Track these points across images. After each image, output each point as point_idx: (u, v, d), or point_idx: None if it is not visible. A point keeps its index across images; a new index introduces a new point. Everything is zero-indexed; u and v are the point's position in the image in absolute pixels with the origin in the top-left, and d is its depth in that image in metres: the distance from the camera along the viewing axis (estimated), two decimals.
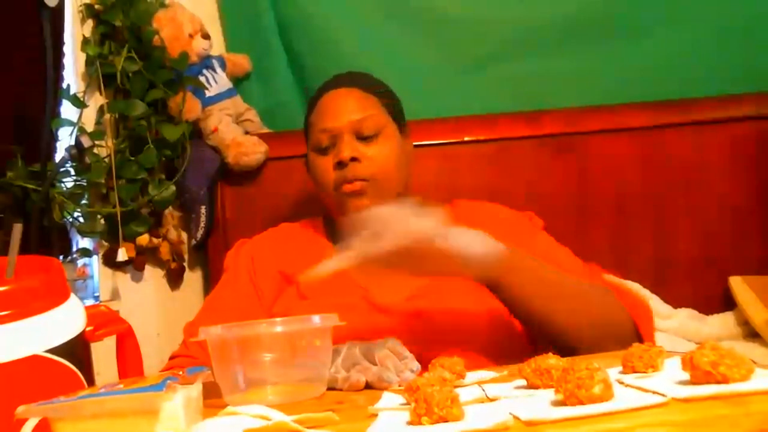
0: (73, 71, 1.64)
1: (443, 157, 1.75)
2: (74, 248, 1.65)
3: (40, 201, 1.49)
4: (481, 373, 0.88)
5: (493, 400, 0.73)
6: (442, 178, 1.73)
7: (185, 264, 1.73)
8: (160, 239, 1.66)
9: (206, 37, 1.69)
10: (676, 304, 1.71)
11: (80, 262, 1.67)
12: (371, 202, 1.22)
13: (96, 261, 1.65)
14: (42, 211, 1.52)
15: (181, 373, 0.75)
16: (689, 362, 0.66)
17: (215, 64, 1.72)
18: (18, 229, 0.86)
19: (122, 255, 1.58)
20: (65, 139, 1.59)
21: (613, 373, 0.75)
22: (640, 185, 1.76)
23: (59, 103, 1.59)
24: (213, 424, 0.68)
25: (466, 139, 1.75)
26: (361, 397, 0.83)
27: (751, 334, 1.66)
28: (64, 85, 1.59)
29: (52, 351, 0.80)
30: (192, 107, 1.64)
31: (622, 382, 0.72)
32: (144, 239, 1.62)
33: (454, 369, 0.85)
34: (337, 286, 1.22)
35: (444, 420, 0.62)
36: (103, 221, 1.60)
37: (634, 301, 1.14)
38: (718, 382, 0.64)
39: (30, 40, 1.51)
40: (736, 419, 0.58)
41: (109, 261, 1.62)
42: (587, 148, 1.76)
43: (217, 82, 1.71)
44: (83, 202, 1.58)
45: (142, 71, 1.59)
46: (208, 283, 1.73)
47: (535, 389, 0.75)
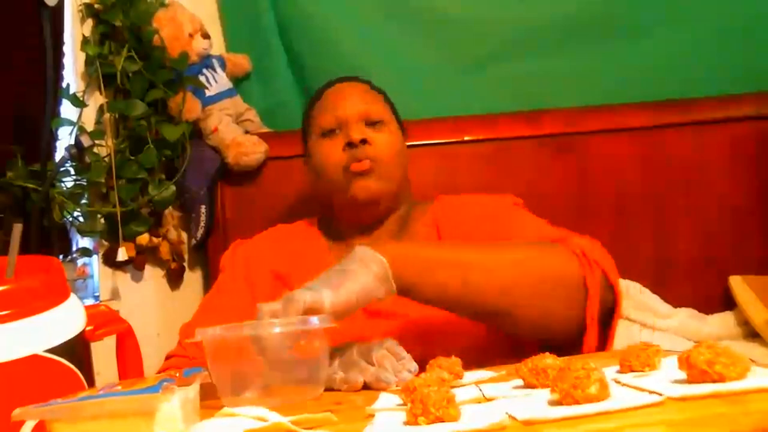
0: (73, 71, 1.64)
1: (443, 156, 1.75)
2: (74, 248, 1.65)
3: (40, 201, 1.49)
4: (479, 373, 0.89)
5: (489, 400, 0.73)
6: (442, 178, 1.73)
7: (185, 264, 1.73)
8: (160, 239, 1.66)
9: (206, 36, 1.70)
10: (676, 304, 1.71)
11: (80, 261, 1.68)
12: (377, 185, 1.26)
13: (96, 261, 1.65)
14: (42, 211, 1.52)
15: (178, 375, 0.76)
16: (685, 361, 0.66)
17: (215, 63, 1.72)
18: (18, 229, 0.86)
19: (122, 255, 1.58)
20: (65, 138, 1.59)
21: (610, 372, 0.75)
22: (640, 185, 1.76)
23: (59, 103, 1.59)
24: (210, 425, 0.68)
25: (466, 139, 1.75)
26: (359, 398, 0.83)
27: (751, 334, 1.66)
28: (64, 85, 1.59)
29: (52, 351, 0.80)
30: (192, 107, 1.64)
31: (618, 382, 0.72)
32: (144, 239, 1.62)
33: (452, 369, 0.85)
34: None
35: (440, 420, 0.63)
36: (103, 221, 1.60)
37: (582, 250, 1.05)
38: (714, 381, 0.64)
39: (30, 40, 1.51)
40: (733, 418, 0.58)
41: (109, 261, 1.62)
42: (587, 148, 1.76)
43: (217, 82, 1.71)
44: (83, 201, 1.59)
45: (142, 71, 1.59)
46: (208, 283, 1.73)
47: (531, 389, 0.75)
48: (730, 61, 1.81)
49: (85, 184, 1.57)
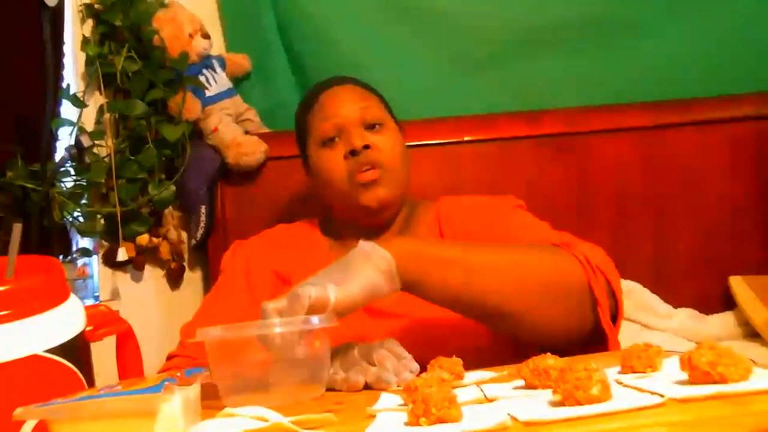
0: (73, 71, 1.64)
1: (443, 156, 1.75)
2: (74, 248, 1.66)
3: (40, 201, 1.49)
4: (480, 374, 0.88)
5: (491, 401, 0.73)
6: (443, 178, 1.73)
7: (185, 264, 1.73)
8: (160, 239, 1.66)
9: (206, 36, 1.70)
10: (676, 304, 1.72)
11: (80, 261, 1.68)
12: (385, 192, 1.24)
13: (96, 261, 1.65)
14: (42, 211, 1.52)
15: (179, 375, 0.76)
16: (687, 362, 0.66)
17: (215, 63, 1.72)
18: (18, 229, 0.86)
19: (122, 255, 1.58)
20: (65, 139, 1.60)
21: (612, 373, 0.75)
22: (640, 185, 1.76)
23: (59, 103, 1.59)
24: (211, 425, 0.68)
25: (466, 139, 1.75)
26: (360, 398, 0.83)
27: (751, 334, 1.66)
28: (64, 85, 1.59)
29: (52, 351, 0.80)
30: (192, 107, 1.64)
31: (620, 382, 0.72)
32: (144, 239, 1.62)
33: (453, 369, 0.85)
34: None
35: (442, 421, 0.62)
36: (103, 221, 1.60)
37: (586, 257, 1.04)
38: (716, 382, 0.64)
39: (30, 40, 1.51)
40: (735, 419, 0.58)
41: (109, 261, 1.62)
42: (587, 148, 1.76)
43: (217, 82, 1.71)
44: (83, 201, 1.59)
45: (142, 71, 1.59)
46: (208, 283, 1.73)
47: (533, 389, 0.75)
48: (730, 61, 1.81)
49: (85, 184, 1.57)
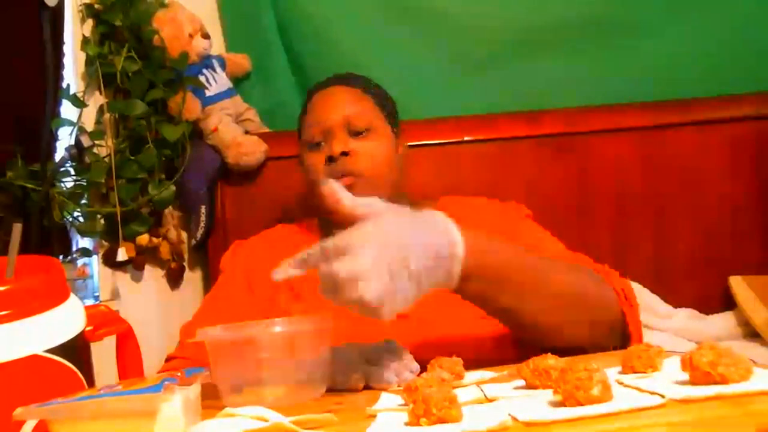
0: (73, 71, 1.64)
1: (443, 157, 1.75)
2: (74, 248, 1.66)
3: (40, 201, 1.49)
4: (480, 374, 0.88)
5: (491, 401, 0.73)
6: (443, 178, 1.73)
7: (185, 264, 1.73)
8: (160, 239, 1.66)
9: (206, 36, 1.70)
10: (676, 304, 1.72)
11: (80, 261, 1.68)
12: None
13: (96, 261, 1.65)
14: (42, 211, 1.52)
15: (179, 375, 0.75)
16: (688, 362, 0.66)
17: (215, 63, 1.72)
18: (18, 229, 0.86)
19: (122, 255, 1.58)
20: (65, 139, 1.60)
21: (612, 373, 0.75)
22: (640, 185, 1.76)
23: (59, 103, 1.59)
24: (211, 425, 0.68)
25: (466, 139, 1.75)
26: (361, 398, 0.83)
27: (751, 334, 1.66)
28: (64, 85, 1.59)
29: (52, 351, 0.80)
30: (192, 107, 1.64)
31: (621, 383, 0.72)
32: (144, 239, 1.62)
33: (453, 369, 0.85)
34: None
35: (442, 421, 0.62)
36: (103, 221, 1.60)
37: (623, 288, 1.06)
38: (716, 383, 0.64)
39: (30, 40, 1.51)
40: (735, 420, 0.58)
41: (109, 261, 1.62)
42: (587, 148, 1.76)
43: (217, 82, 1.71)
44: (83, 202, 1.59)
45: (142, 71, 1.59)
46: (208, 283, 1.73)
47: (533, 390, 0.75)
48: (730, 61, 1.81)
49: (85, 184, 1.57)
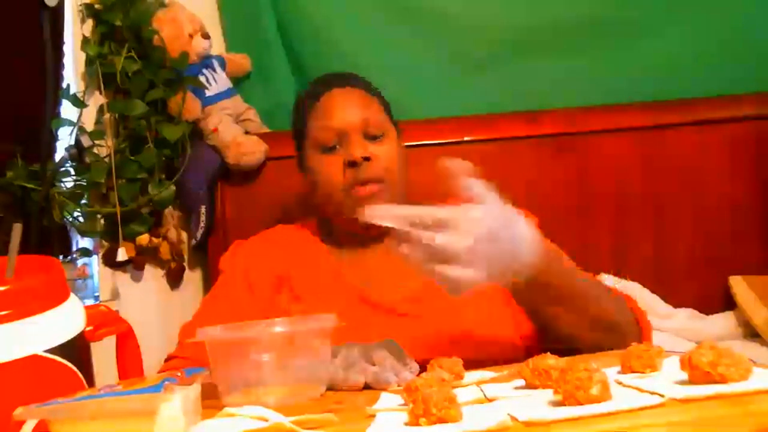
0: (73, 71, 1.64)
1: (443, 157, 1.74)
2: (74, 248, 1.66)
3: (40, 201, 1.49)
4: (480, 374, 0.88)
5: (491, 401, 0.73)
6: (442, 179, 1.72)
7: (185, 264, 1.73)
8: (160, 239, 1.66)
9: (206, 36, 1.69)
10: (676, 304, 1.71)
11: (80, 261, 1.68)
12: None
13: (96, 261, 1.65)
14: (42, 211, 1.52)
15: (180, 374, 0.76)
16: (688, 362, 0.66)
17: (215, 63, 1.72)
18: (18, 229, 0.86)
19: (122, 255, 1.58)
20: (65, 139, 1.60)
21: (612, 373, 0.75)
22: (640, 185, 1.76)
23: (59, 103, 1.59)
24: (211, 425, 0.68)
25: (466, 139, 1.75)
26: (360, 398, 0.83)
27: (752, 334, 1.66)
28: (64, 85, 1.59)
29: (52, 351, 0.80)
30: (192, 107, 1.64)
31: (620, 383, 0.72)
32: (144, 239, 1.62)
33: (453, 369, 0.85)
34: (333, 287, 1.22)
35: (442, 421, 0.63)
36: (103, 221, 1.60)
37: (636, 306, 1.12)
38: (716, 382, 0.64)
39: (30, 40, 1.51)
40: (735, 419, 0.58)
41: (109, 261, 1.62)
42: (587, 148, 1.76)
43: (217, 82, 1.71)
44: (83, 202, 1.59)
45: (142, 71, 1.59)
46: (208, 283, 1.73)
47: (533, 390, 0.75)
48: (730, 61, 1.81)
49: (85, 184, 1.57)
